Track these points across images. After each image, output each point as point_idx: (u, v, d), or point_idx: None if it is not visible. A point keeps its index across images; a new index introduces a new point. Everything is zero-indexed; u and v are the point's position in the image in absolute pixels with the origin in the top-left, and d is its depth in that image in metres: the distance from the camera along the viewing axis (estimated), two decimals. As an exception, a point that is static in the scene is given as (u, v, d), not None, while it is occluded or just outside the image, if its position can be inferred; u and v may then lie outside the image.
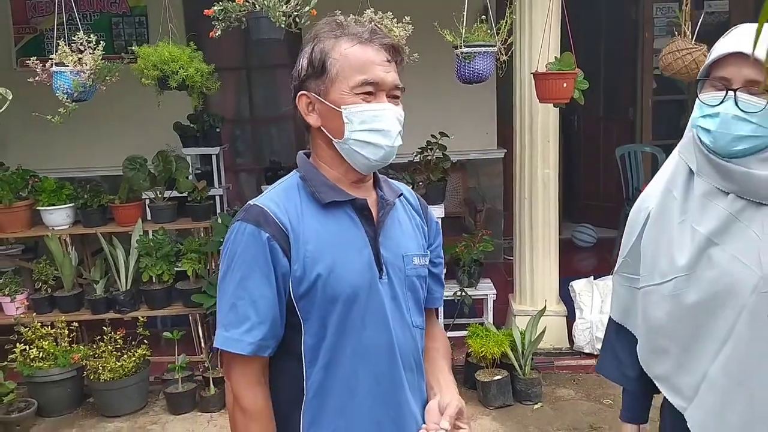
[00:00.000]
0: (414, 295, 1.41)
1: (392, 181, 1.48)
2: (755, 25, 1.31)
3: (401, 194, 1.45)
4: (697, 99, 1.40)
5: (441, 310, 4.11)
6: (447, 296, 4.14)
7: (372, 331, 1.33)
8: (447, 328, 4.14)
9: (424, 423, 1.38)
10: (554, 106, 3.51)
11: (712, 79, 1.36)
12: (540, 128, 3.88)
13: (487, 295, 4.21)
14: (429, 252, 1.47)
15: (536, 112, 3.85)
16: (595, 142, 6.73)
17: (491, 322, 4.07)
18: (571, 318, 4.12)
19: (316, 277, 1.28)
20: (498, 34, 3.17)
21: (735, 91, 1.31)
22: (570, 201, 6.61)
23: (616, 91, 6.47)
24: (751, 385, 1.33)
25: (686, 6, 3.26)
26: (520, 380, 3.65)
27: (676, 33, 3.14)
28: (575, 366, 3.98)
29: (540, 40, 3.54)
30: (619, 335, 1.59)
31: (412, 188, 4.25)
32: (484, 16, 3.18)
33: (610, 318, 1.64)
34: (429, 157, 4.17)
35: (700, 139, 1.38)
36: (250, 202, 1.34)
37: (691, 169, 1.42)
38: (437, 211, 4.07)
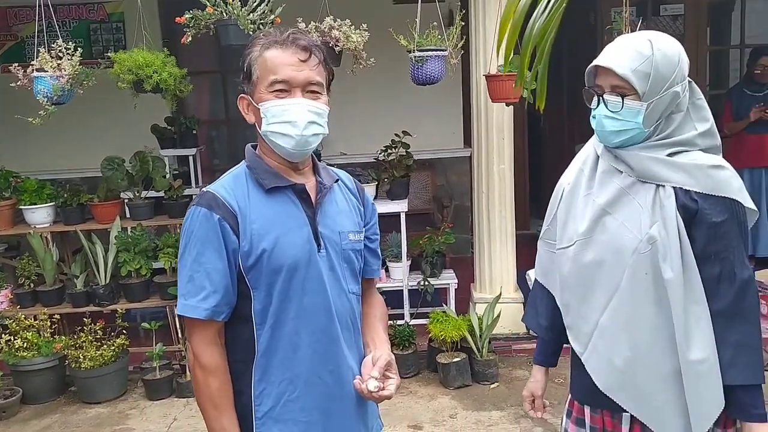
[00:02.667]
0: (350, 266, 1.65)
1: (331, 168, 1.72)
2: (627, 38, 1.60)
3: (338, 179, 1.68)
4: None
5: (406, 298, 4.37)
6: (411, 285, 4.39)
7: (311, 296, 1.56)
8: (411, 315, 4.39)
9: (360, 374, 1.62)
10: (506, 105, 3.76)
11: (594, 87, 1.65)
12: (495, 127, 4.14)
13: (449, 284, 4.46)
14: (365, 229, 1.71)
15: (491, 112, 4.11)
16: (560, 141, 7.02)
17: (453, 309, 4.31)
18: (528, 305, 4.38)
19: (262, 252, 1.51)
20: (449, 39, 3.42)
21: (602, 96, 1.61)
22: (537, 198, 6.89)
23: (578, 92, 6.73)
24: (633, 330, 1.61)
25: (626, 12, 3.53)
26: (478, 362, 3.91)
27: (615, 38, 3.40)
28: (531, 349, 4.18)
29: (492, 44, 3.80)
30: (539, 291, 1.87)
31: (377, 185, 4.52)
32: (435, 23, 3.42)
33: (535, 278, 1.92)
34: (392, 156, 4.41)
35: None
36: (203, 188, 1.57)
37: (597, 153, 1.72)
38: (400, 206, 4.32)
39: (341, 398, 1.61)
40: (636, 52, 1.57)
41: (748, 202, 1.62)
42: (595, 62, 1.61)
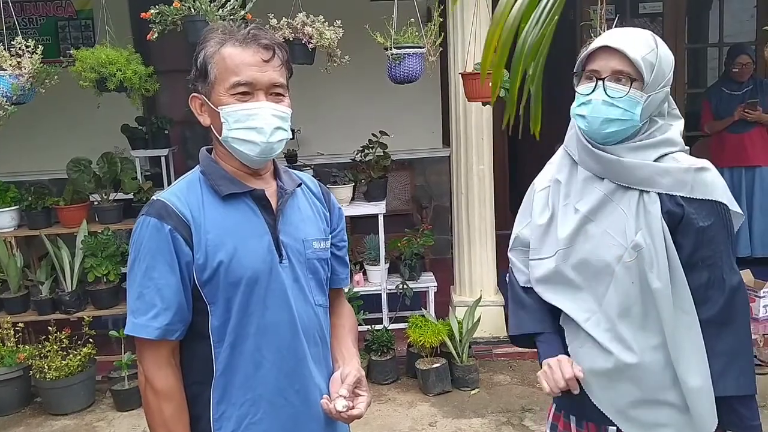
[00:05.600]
0: (315, 277, 1.53)
1: (294, 171, 1.60)
2: (627, 28, 1.53)
3: (301, 183, 1.57)
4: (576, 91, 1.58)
5: (384, 302, 4.26)
6: (389, 289, 4.29)
7: (274, 310, 1.44)
8: (390, 320, 4.29)
9: (328, 393, 1.51)
10: (482, 105, 3.67)
11: (585, 72, 1.55)
12: (474, 126, 4.04)
13: (428, 287, 4.36)
14: (331, 236, 1.60)
15: (470, 111, 4.01)
16: (541, 141, 6.94)
17: (433, 313, 4.21)
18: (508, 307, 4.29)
19: (218, 264, 1.39)
20: (427, 36, 3.32)
21: (603, 80, 1.50)
22: (518, 199, 6.81)
23: (558, 90, 6.68)
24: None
25: (601, 9, 3.46)
26: (458, 367, 3.81)
27: (591, 35, 3.33)
28: (512, 353, 4.15)
29: (468, 42, 3.70)
30: (530, 295, 1.65)
31: (354, 186, 4.40)
32: (412, 19, 3.32)
33: (515, 287, 1.70)
34: (369, 156, 4.30)
35: (578, 127, 1.58)
36: (153, 196, 1.45)
37: (574, 160, 1.61)
38: (379, 207, 4.21)
39: (308, 419, 1.50)
40: (644, 40, 1.50)
41: (734, 205, 1.54)
42: (602, 42, 1.50)
